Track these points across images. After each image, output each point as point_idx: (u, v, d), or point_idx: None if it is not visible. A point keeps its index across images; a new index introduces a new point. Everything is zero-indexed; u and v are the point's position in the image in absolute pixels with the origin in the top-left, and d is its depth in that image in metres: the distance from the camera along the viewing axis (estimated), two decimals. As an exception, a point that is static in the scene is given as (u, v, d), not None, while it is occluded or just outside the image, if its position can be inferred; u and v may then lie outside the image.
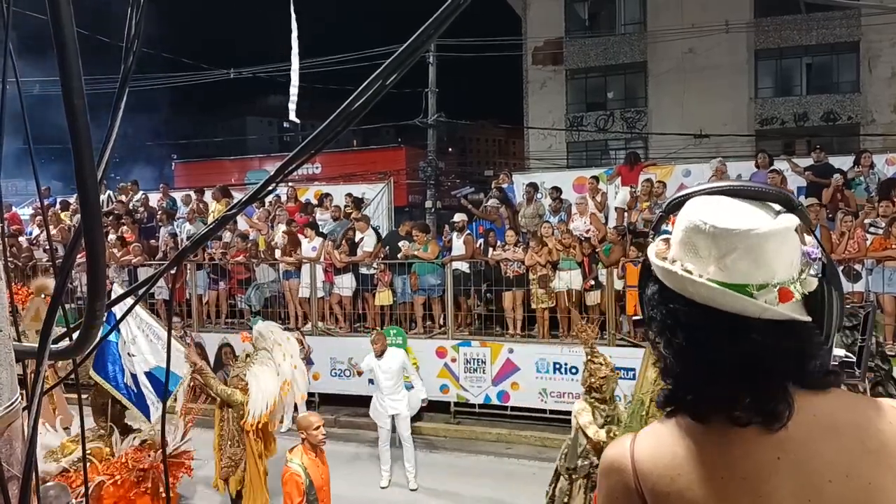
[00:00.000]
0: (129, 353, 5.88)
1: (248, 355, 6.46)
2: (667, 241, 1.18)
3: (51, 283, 8.00)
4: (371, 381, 9.47)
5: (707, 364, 1.08)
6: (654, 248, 1.18)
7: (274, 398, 6.00)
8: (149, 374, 5.93)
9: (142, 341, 6.00)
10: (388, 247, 11.56)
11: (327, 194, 14.07)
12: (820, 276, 1.12)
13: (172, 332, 6.25)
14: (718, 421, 1.09)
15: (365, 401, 11.18)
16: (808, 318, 1.09)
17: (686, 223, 1.12)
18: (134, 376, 5.85)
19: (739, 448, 1.08)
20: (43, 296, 6.55)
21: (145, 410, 5.88)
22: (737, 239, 1.07)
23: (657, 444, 1.14)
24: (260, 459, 6.22)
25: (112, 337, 5.73)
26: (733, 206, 1.12)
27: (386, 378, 8.46)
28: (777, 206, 1.13)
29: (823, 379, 1.11)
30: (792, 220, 1.11)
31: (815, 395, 1.09)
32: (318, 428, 5.41)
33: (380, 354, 8.46)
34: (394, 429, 8.58)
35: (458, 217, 11.71)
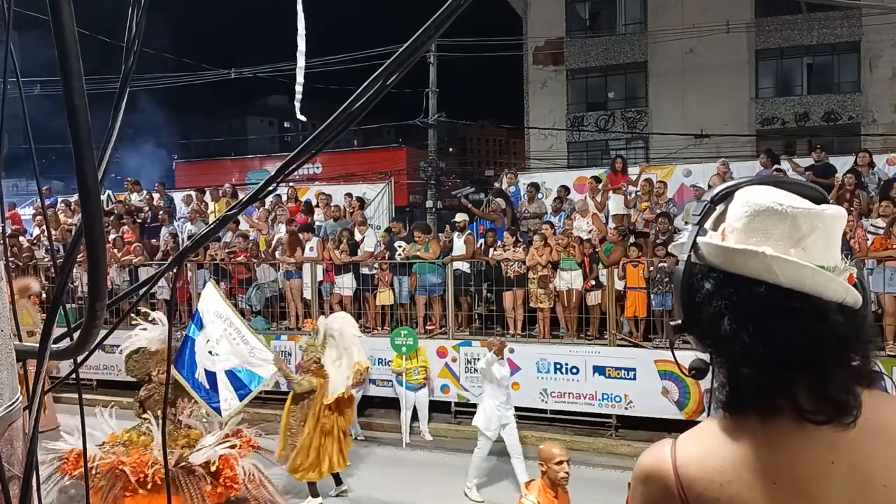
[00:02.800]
0: (209, 352, 6.28)
1: (312, 343, 7.57)
2: (721, 231, 1.12)
3: (33, 282, 8.02)
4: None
5: (778, 355, 1.02)
6: (714, 238, 1.10)
7: (348, 377, 7.28)
8: (229, 373, 6.31)
9: (225, 343, 6.38)
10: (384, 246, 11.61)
11: (322, 194, 14.07)
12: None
13: (262, 338, 6.98)
14: (780, 419, 1.04)
15: (367, 401, 11.19)
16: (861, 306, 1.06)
17: (754, 207, 1.07)
18: (211, 374, 6.22)
19: (791, 451, 1.04)
20: (29, 296, 6.60)
21: (216, 406, 6.19)
22: (816, 218, 1.05)
23: (704, 449, 1.10)
24: (330, 434, 7.31)
25: (191, 334, 6.31)
26: (789, 194, 1.09)
27: (504, 385, 7.96)
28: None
29: (872, 374, 1.07)
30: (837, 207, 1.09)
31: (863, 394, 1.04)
32: (560, 463, 4.54)
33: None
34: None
35: (460, 217, 11.72)
